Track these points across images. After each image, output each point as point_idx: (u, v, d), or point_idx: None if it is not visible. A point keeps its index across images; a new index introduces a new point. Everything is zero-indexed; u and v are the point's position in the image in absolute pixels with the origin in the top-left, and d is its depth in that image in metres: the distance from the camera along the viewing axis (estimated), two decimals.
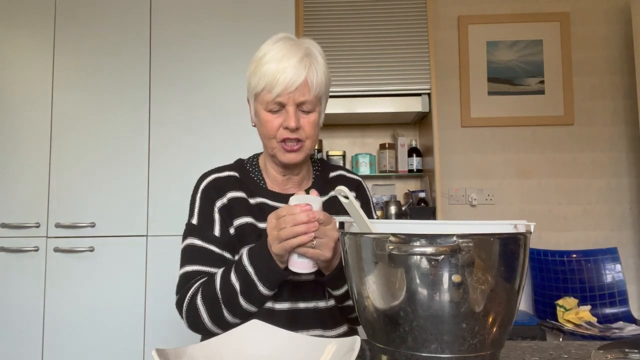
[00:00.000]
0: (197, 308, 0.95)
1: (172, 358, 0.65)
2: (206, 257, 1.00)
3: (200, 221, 1.03)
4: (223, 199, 1.04)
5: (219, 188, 1.05)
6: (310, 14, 2.59)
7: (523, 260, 0.64)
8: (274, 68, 0.95)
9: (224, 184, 1.06)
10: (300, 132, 0.99)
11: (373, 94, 2.53)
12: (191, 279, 1.00)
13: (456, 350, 0.61)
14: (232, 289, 0.92)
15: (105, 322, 2.00)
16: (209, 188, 1.05)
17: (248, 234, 1.02)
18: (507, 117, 2.84)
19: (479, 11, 2.89)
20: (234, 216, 1.03)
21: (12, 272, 2.01)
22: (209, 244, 1.01)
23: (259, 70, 0.97)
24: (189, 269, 1.01)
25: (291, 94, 0.96)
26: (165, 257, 2.02)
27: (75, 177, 2.06)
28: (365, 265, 0.65)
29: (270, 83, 0.95)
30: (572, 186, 2.82)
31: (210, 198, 1.04)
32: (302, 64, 0.96)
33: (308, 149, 1.02)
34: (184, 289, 0.99)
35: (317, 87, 0.98)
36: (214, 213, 1.03)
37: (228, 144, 2.06)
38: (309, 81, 0.97)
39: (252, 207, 1.04)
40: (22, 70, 2.10)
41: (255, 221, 1.02)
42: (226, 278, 0.93)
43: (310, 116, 1.00)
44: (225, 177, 1.07)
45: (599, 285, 2.58)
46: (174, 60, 2.11)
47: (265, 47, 1.00)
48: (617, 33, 2.86)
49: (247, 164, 1.12)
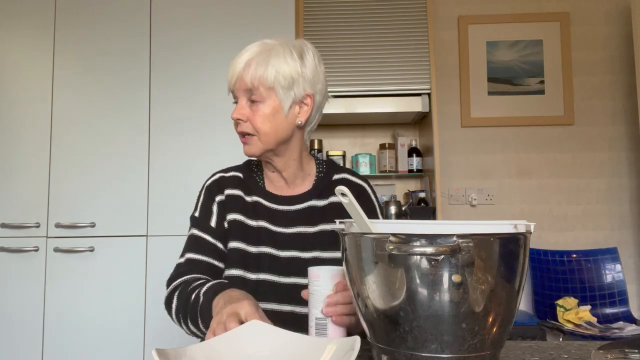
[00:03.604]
0: (171, 300, 1.02)
1: (172, 358, 0.65)
2: (202, 246, 1.08)
3: (200, 214, 1.11)
4: (222, 195, 1.11)
5: (220, 186, 1.12)
6: (310, 14, 2.59)
7: (523, 260, 0.64)
8: (235, 61, 1.02)
9: (226, 182, 1.13)
10: (247, 125, 1.02)
11: (373, 94, 2.53)
12: (185, 266, 1.07)
13: (456, 350, 0.61)
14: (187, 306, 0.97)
15: (105, 322, 2.00)
16: (212, 185, 1.13)
17: (236, 230, 1.07)
18: (507, 117, 2.84)
19: (479, 11, 2.89)
20: (228, 211, 1.09)
21: (12, 272, 2.01)
22: (204, 234, 1.09)
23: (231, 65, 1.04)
24: (187, 257, 1.09)
25: (236, 85, 1.01)
26: (165, 257, 2.02)
27: (75, 177, 2.06)
28: (365, 265, 0.65)
29: (229, 77, 1.03)
30: (572, 186, 2.82)
31: (211, 194, 1.12)
32: (252, 53, 1.01)
33: (264, 142, 1.02)
34: (176, 274, 1.07)
35: (265, 76, 0.98)
36: (213, 207, 1.10)
37: (228, 144, 2.06)
38: (252, 70, 0.99)
39: (247, 204, 1.09)
40: (22, 70, 2.10)
41: (244, 218, 1.08)
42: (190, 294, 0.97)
43: (258, 107, 1.00)
44: (229, 177, 1.14)
45: (599, 285, 2.58)
46: (174, 60, 2.11)
47: None
48: (617, 33, 2.86)
49: (253, 165, 1.17)
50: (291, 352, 0.72)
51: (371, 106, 2.53)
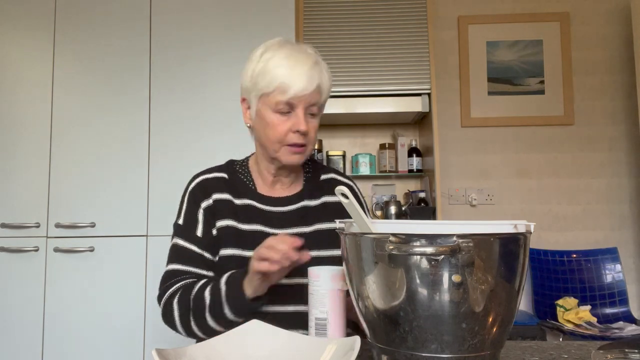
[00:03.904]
0: (172, 309, 0.99)
1: (172, 358, 0.65)
2: (187, 257, 1.05)
3: (185, 222, 1.07)
4: (209, 200, 1.07)
5: (205, 189, 1.08)
6: (310, 14, 2.59)
7: (523, 260, 0.64)
8: (288, 71, 0.98)
9: (211, 185, 1.08)
10: (305, 136, 1.03)
11: (373, 94, 2.52)
12: (172, 277, 1.04)
13: (456, 350, 0.61)
14: (203, 303, 0.94)
15: (105, 322, 2.00)
16: (196, 190, 1.09)
17: (228, 236, 1.04)
18: (507, 117, 2.84)
19: (479, 11, 2.89)
20: (217, 217, 1.05)
21: (12, 272, 2.01)
22: (190, 244, 1.05)
23: (268, 71, 0.99)
24: (171, 268, 1.06)
25: (304, 97, 0.99)
26: (165, 257, 2.01)
27: (75, 177, 2.06)
28: (365, 265, 0.65)
29: (283, 84, 0.98)
30: (572, 186, 2.82)
31: (196, 199, 1.08)
32: (315, 69, 1.01)
33: (309, 151, 1.06)
34: (164, 286, 1.04)
35: (325, 94, 1.04)
36: (199, 214, 1.06)
37: (228, 144, 2.06)
38: (321, 87, 1.02)
39: (238, 208, 1.06)
40: (22, 70, 2.10)
41: (237, 223, 1.05)
42: (201, 290, 0.96)
43: (315, 121, 1.04)
44: (213, 178, 1.10)
45: (599, 285, 2.58)
46: (174, 60, 2.11)
47: (270, 51, 1.02)
48: (617, 33, 2.86)
49: (237, 165, 1.14)
50: (291, 352, 0.72)
51: (371, 106, 2.53)
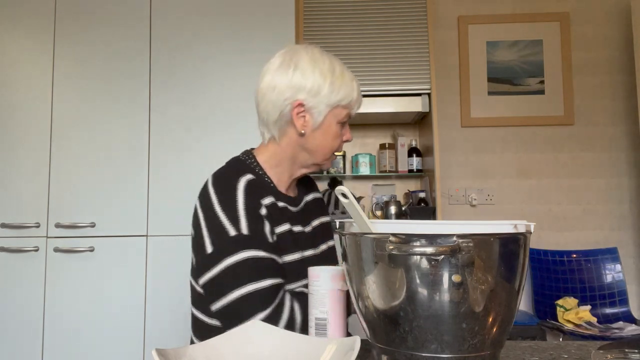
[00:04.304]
0: None
1: (172, 358, 0.65)
2: (275, 269, 0.92)
3: (251, 229, 0.92)
4: (264, 203, 0.97)
5: (256, 192, 0.96)
6: (310, 14, 2.59)
7: (523, 260, 0.64)
8: (357, 86, 1.05)
9: (257, 187, 0.97)
10: None
11: (373, 94, 2.53)
12: (276, 293, 0.91)
13: (456, 350, 0.61)
14: None
15: (105, 322, 2.00)
16: (251, 188, 0.95)
17: (287, 241, 0.99)
18: (507, 117, 2.84)
19: (479, 11, 2.89)
20: (275, 223, 0.98)
21: (12, 272, 2.01)
22: (269, 253, 0.92)
23: (346, 84, 1.03)
24: (270, 283, 0.90)
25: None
26: (165, 257, 2.02)
27: (75, 177, 2.06)
28: (365, 265, 0.65)
29: (355, 99, 1.04)
30: (572, 186, 2.82)
31: (254, 204, 0.94)
32: None
33: None
34: (274, 307, 0.89)
35: None
36: (263, 219, 0.94)
37: (228, 144, 2.06)
38: None
39: (281, 210, 1.01)
40: (22, 71, 2.10)
41: (290, 226, 1.02)
42: None
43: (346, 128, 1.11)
44: (253, 180, 0.97)
45: (599, 285, 2.58)
46: (175, 60, 2.11)
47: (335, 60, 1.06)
48: (617, 33, 2.86)
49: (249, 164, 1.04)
50: (291, 352, 0.72)
51: (371, 106, 2.53)
